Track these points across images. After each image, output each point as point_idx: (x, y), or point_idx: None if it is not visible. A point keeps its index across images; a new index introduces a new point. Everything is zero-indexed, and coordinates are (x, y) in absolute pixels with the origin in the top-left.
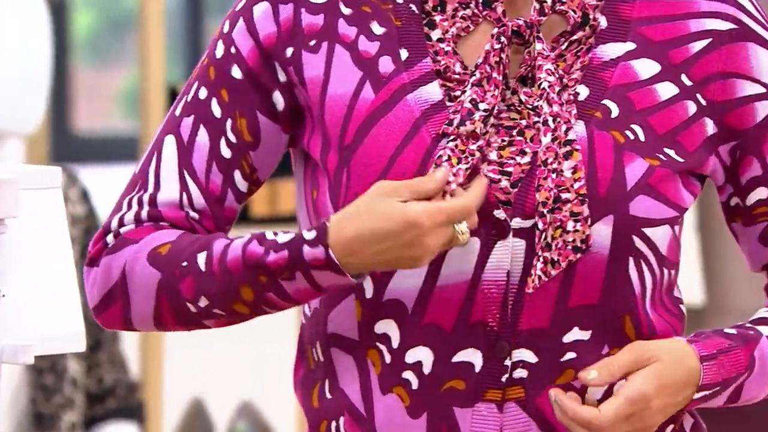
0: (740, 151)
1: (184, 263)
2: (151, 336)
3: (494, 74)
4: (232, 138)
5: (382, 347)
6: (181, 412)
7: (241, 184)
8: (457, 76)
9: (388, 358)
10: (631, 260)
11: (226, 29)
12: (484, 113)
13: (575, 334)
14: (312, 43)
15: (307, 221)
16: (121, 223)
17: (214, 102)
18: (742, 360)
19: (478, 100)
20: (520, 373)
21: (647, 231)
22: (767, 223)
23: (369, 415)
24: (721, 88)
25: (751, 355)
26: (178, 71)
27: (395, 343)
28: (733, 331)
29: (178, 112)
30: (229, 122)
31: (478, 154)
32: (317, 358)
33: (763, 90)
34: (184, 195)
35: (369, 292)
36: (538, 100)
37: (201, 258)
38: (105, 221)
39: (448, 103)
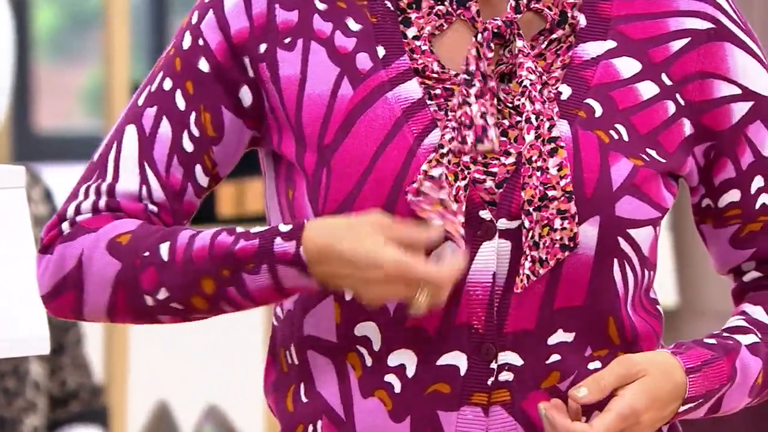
0: (715, 153)
1: (146, 253)
2: (115, 338)
3: (491, 83)
4: (195, 132)
5: (363, 350)
6: (147, 416)
7: (202, 179)
8: (435, 75)
9: (368, 361)
10: (615, 261)
11: (194, 20)
12: (498, 128)
13: (559, 336)
14: (287, 40)
15: (280, 221)
16: (77, 212)
17: (178, 94)
18: (724, 371)
19: (486, 113)
20: (506, 376)
21: (632, 232)
22: (738, 225)
23: (349, 420)
24: (699, 88)
25: (732, 365)
26: (143, 69)
27: (376, 346)
28: (712, 341)
29: (140, 102)
30: (193, 115)
31: (473, 167)
32: (291, 361)
33: (738, 91)
34: (144, 187)
35: (348, 294)
36: (519, 99)
37: (164, 248)
38: (60, 208)
39: (428, 102)
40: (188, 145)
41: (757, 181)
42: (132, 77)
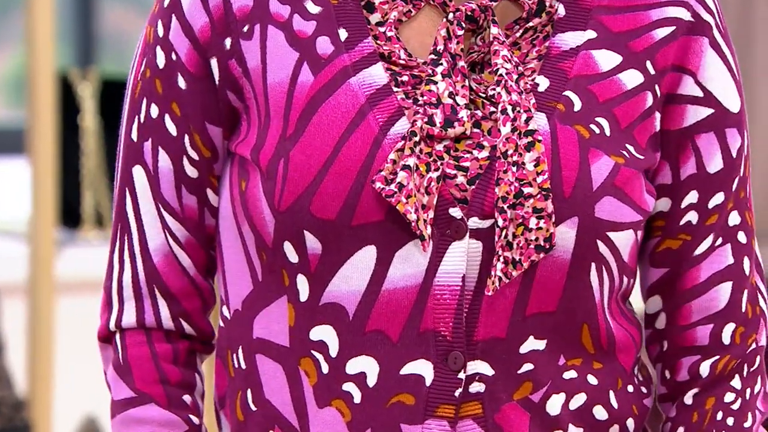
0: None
1: None
2: (40, 348)
3: (460, 63)
4: (194, 155)
5: (318, 356)
6: (74, 431)
7: (215, 201)
8: (402, 62)
9: (325, 368)
10: (593, 266)
11: (161, 32)
12: (468, 110)
13: (531, 344)
14: (245, 29)
15: (231, 213)
16: (120, 295)
17: (167, 119)
18: None
19: (455, 93)
20: (477, 387)
21: (612, 235)
22: (659, 239)
23: (304, 431)
24: (671, 80)
25: None
26: (69, 56)
27: (333, 352)
28: None
29: (135, 137)
30: (186, 138)
31: (447, 157)
32: (237, 365)
33: (700, 94)
34: (167, 232)
35: (304, 295)
36: (494, 88)
37: None
38: (104, 281)
39: (395, 89)
40: (191, 171)
41: (691, 197)
42: (57, 65)
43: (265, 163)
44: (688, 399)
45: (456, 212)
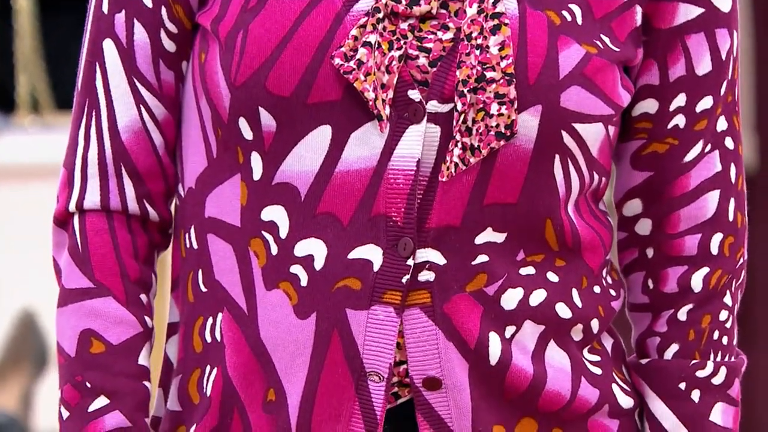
0: (644, 51)
1: (78, 377)
2: None
3: None
4: (172, 28)
5: (268, 237)
6: (10, 326)
7: None
8: None
9: (274, 249)
10: (557, 157)
11: None
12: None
13: (488, 235)
14: None
15: (191, 86)
16: (84, 172)
17: None
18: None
19: None
20: (427, 275)
21: (578, 127)
22: (644, 141)
23: (251, 313)
24: None
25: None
26: None
27: (283, 233)
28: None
29: (105, 9)
30: (164, 11)
31: (410, 36)
32: (189, 245)
33: None
34: (142, 108)
35: (257, 173)
36: None
37: (98, 402)
38: (65, 159)
39: None
40: (169, 44)
41: (679, 99)
42: None
43: (224, 35)
44: (682, 315)
45: (415, 94)
